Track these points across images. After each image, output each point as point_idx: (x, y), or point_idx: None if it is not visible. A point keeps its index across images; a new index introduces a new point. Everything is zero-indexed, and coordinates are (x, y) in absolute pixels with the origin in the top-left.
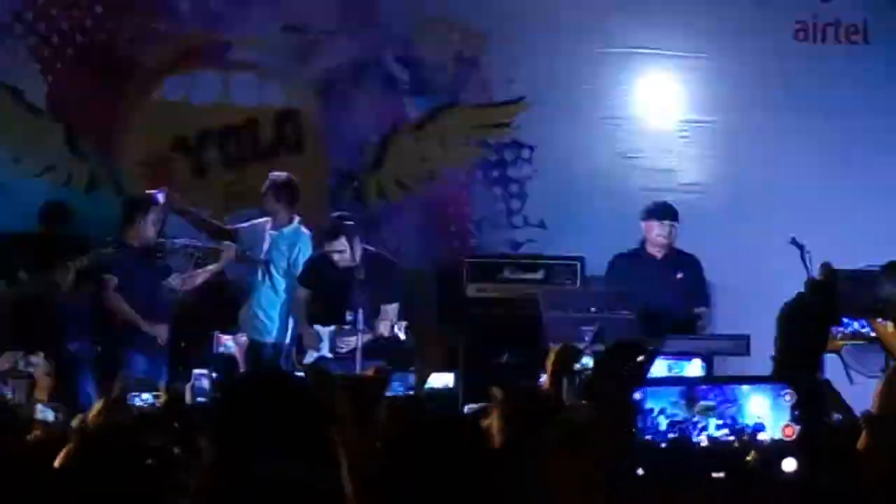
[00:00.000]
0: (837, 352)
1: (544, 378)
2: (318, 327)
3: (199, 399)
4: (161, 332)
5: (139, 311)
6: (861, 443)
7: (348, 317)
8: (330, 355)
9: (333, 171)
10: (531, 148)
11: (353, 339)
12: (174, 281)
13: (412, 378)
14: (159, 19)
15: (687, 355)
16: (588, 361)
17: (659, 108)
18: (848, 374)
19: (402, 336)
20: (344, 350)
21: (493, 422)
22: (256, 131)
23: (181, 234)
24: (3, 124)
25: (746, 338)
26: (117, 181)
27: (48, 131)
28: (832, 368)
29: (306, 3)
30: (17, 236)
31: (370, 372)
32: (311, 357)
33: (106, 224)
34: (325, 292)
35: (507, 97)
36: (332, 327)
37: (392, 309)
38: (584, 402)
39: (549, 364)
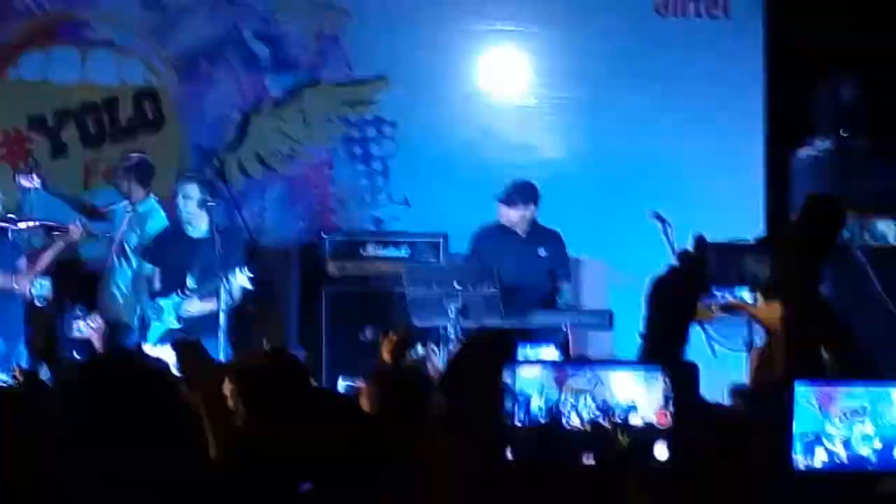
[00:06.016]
0: (709, 321)
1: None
2: (160, 300)
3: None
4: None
5: None
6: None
7: (189, 283)
8: (177, 325)
9: (194, 149)
10: (393, 125)
11: (197, 304)
12: (21, 263)
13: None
14: None
15: (543, 340)
16: (420, 348)
17: (519, 83)
18: (711, 348)
19: (249, 286)
20: (189, 316)
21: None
22: (115, 109)
23: (46, 214)
24: None
25: (609, 312)
26: None
27: None
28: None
29: None
30: None
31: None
32: (158, 331)
33: None
34: (169, 264)
35: (368, 74)
36: (175, 297)
37: (243, 273)
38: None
39: (383, 349)
